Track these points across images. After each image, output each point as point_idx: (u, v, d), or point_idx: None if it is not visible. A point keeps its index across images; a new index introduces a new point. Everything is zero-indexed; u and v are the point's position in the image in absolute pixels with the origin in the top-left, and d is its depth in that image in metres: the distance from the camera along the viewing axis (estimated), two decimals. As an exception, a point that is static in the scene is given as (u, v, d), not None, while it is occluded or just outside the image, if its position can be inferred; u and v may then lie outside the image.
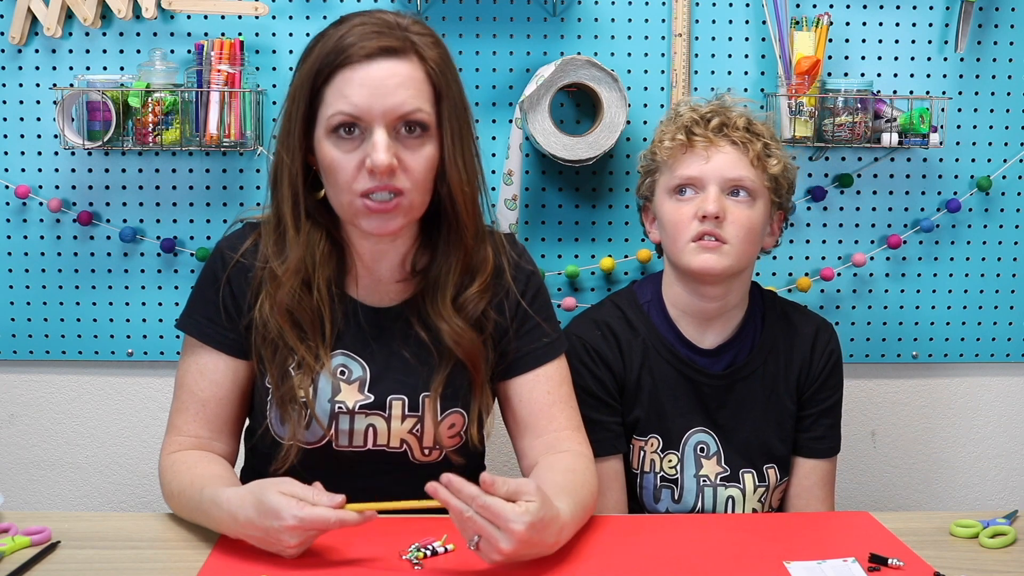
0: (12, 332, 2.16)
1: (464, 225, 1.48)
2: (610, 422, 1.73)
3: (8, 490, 2.14)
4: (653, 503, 1.75)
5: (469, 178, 1.47)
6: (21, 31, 2.05)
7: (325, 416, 1.49)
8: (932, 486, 2.33)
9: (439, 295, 1.49)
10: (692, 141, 1.68)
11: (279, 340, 1.47)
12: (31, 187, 2.10)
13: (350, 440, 1.51)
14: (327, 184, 1.45)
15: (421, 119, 1.40)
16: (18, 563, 1.28)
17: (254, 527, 1.29)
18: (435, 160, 1.43)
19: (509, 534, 1.23)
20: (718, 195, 1.65)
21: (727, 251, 1.65)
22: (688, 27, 2.12)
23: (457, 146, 1.44)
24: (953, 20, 2.16)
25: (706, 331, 1.76)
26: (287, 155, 1.45)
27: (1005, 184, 2.21)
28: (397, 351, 1.52)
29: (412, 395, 1.51)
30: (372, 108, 1.38)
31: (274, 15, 2.09)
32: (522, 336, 1.55)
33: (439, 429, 1.51)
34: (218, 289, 1.51)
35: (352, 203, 1.41)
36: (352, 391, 1.50)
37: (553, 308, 1.61)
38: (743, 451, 1.75)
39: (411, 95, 1.40)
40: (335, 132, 1.40)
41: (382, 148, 1.37)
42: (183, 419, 1.52)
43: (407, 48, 1.41)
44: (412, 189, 1.41)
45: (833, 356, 1.79)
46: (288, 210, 1.46)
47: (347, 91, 1.39)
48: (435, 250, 1.51)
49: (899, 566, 1.31)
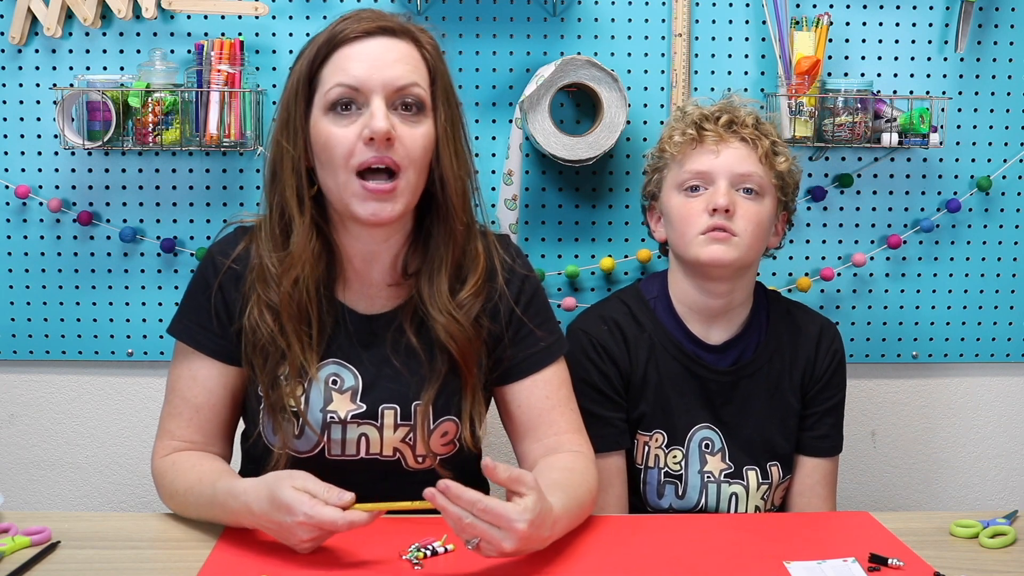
0: (12, 332, 2.15)
1: (454, 212, 1.47)
2: (614, 418, 1.73)
3: (8, 490, 2.14)
4: (657, 499, 1.75)
5: (460, 165, 1.47)
6: (21, 31, 2.05)
7: (317, 426, 1.48)
8: (932, 486, 2.33)
9: (434, 288, 1.48)
10: (702, 136, 1.69)
11: (270, 346, 1.45)
12: (31, 187, 2.10)
13: (343, 449, 1.50)
14: (322, 166, 1.43)
15: (418, 95, 1.42)
16: (18, 563, 1.28)
17: (269, 520, 1.30)
18: (431, 140, 1.44)
19: (512, 533, 1.23)
20: (728, 189, 1.66)
21: (736, 243, 1.66)
22: (688, 27, 2.12)
23: (450, 132, 1.46)
24: (953, 20, 2.16)
25: (712, 327, 1.76)
26: (288, 143, 1.45)
27: (1005, 184, 2.21)
28: (388, 359, 1.50)
29: (404, 404, 1.50)
30: (370, 79, 1.39)
31: (274, 15, 2.08)
32: (517, 343, 1.54)
33: (432, 438, 1.50)
34: (210, 295, 1.50)
35: (348, 184, 1.40)
36: (344, 401, 1.49)
37: (551, 310, 1.60)
38: (747, 448, 1.75)
39: (409, 70, 1.42)
40: (333, 109, 1.41)
41: (380, 116, 1.38)
42: (176, 424, 1.51)
43: (404, 31, 1.45)
44: (409, 166, 1.41)
45: (837, 356, 1.80)
46: (292, 197, 1.45)
47: (345, 65, 1.41)
48: (427, 250, 1.50)
49: (899, 566, 1.31)
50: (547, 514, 1.28)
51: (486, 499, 1.23)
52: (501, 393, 1.56)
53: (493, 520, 1.23)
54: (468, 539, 1.25)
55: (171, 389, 1.53)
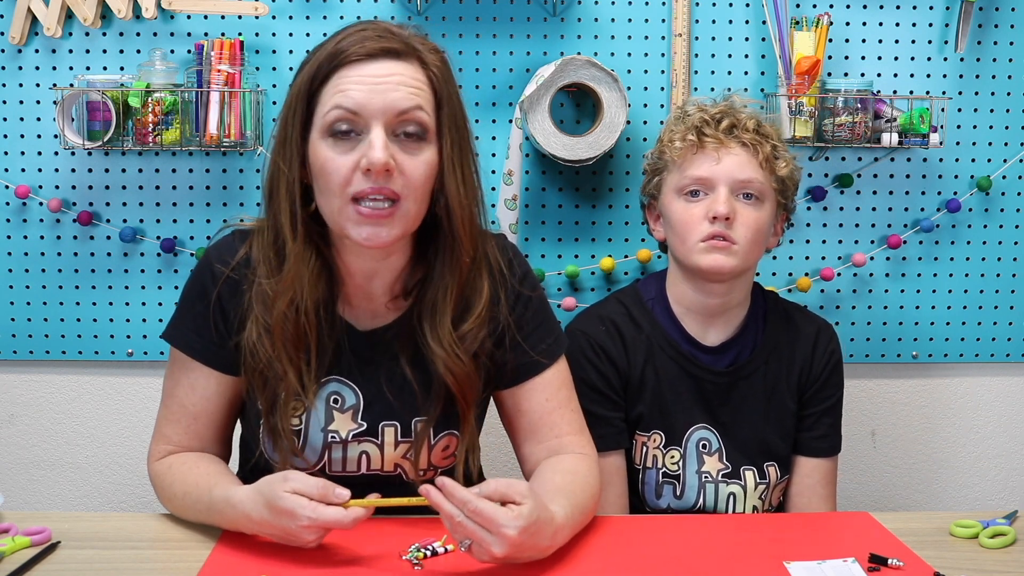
0: (12, 332, 2.15)
1: (461, 243, 1.41)
2: (613, 417, 1.73)
3: (8, 490, 2.14)
4: (655, 499, 1.75)
5: (467, 192, 1.41)
6: (21, 31, 2.05)
7: (318, 446, 1.46)
8: (932, 486, 2.33)
9: (436, 319, 1.43)
10: (703, 142, 1.68)
11: (267, 370, 1.42)
12: (31, 187, 2.10)
13: (343, 467, 1.48)
14: (319, 190, 1.38)
15: (421, 119, 1.35)
16: (18, 563, 1.28)
17: (271, 526, 1.30)
18: (434, 168, 1.38)
19: (501, 539, 1.22)
20: (728, 196, 1.66)
21: (736, 251, 1.66)
22: (688, 27, 2.12)
23: (456, 158, 1.39)
24: (953, 20, 2.16)
25: (710, 328, 1.76)
26: (284, 164, 1.39)
27: (1005, 184, 2.21)
28: (389, 375, 1.47)
29: (404, 421, 1.48)
30: (370, 104, 1.33)
31: (274, 15, 2.08)
32: (516, 347, 1.50)
33: (433, 451, 1.48)
34: (208, 304, 1.46)
35: (343, 209, 1.35)
36: (345, 420, 1.47)
37: (550, 310, 1.57)
38: (744, 448, 1.75)
39: (411, 93, 1.35)
40: (331, 134, 1.35)
41: (379, 146, 1.32)
42: (173, 430, 1.50)
43: (409, 52, 1.37)
44: (408, 196, 1.35)
45: (834, 357, 1.80)
46: (286, 220, 1.40)
47: (345, 87, 1.34)
48: (430, 269, 1.45)
49: (899, 566, 1.31)
50: (546, 523, 1.27)
51: (478, 500, 1.22)
52: (501, 397, 1.55)
53: (484, 523, 1.22)
54: (461, 540, 1.25)
55: (168, 394, 1.51)
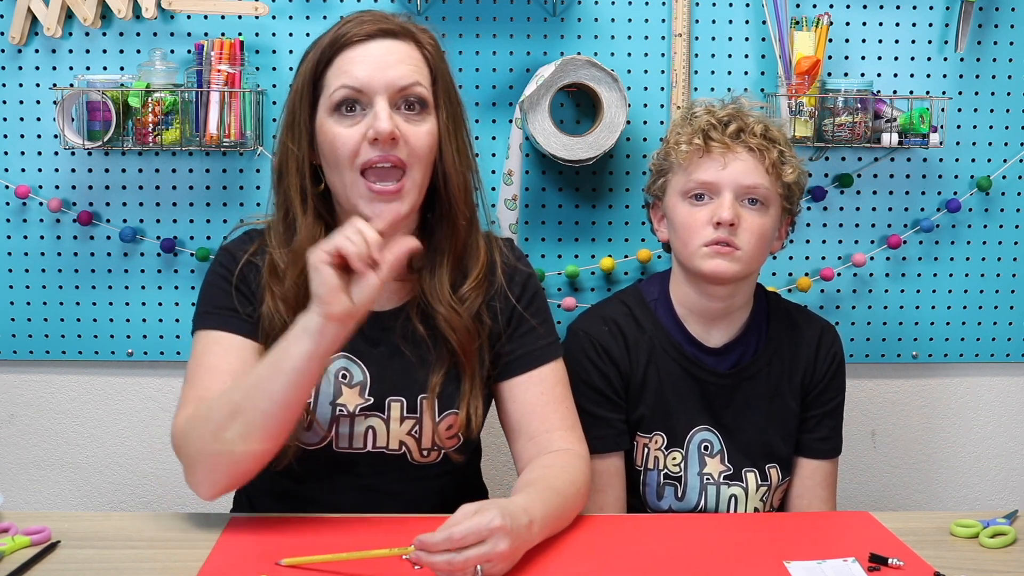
0: (12, 332, 2.16)
1: (457, 206, 1.50)
2: (614, 419, 1.73)
3: (8, 490, 2.14)
4: (656, 500, 1.75)
5: (462, 160, 1.51)
6: (21, 31, 2.05)
7: (326, 419, 1.50)
8: (932, 486, 2.33)
9: (435, 281, 1.51)
10: (709, 146, 1.67)
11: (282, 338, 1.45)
12: (31, 187, 2.10)
13: (350, 443, 1.51)
14: (329, 166, 1.47)
15: (421, 94, 1.45)
16: (18, 563, 1.28)
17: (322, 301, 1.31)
18: (435, 138, 1.47)
19: (496, 532, 1.22)
20: (733, 202, 1.65)
21: (739, 257, 1.66)
22: (688, 27, 2.12)
23: (451, 129, 1.49)
24: (953, 20, 2.16)
25: (712, 330, 1.76)
26: (293, 143, 1.48)
27: (1005, 184, 2.21)
28: (395, 352, 1.52)
29: (410, 396, 1.51)
30: (373, 80, 1.42)
31: (274, 15, 2.09)
32: (516, 339, 1.56)
33: (438, 429, 1.51)
34: (231, 282, 1.51)
35: (355, 184, 1.43)
36: (353, 394, 1.51)
37: (550, 312, 1.61)
38: (746, 450, 1.75)
39: (410, 70, 1.45)
40: (337, 110, 1.44)
41: (384, 116, 1.41)
42: (205, 386, 1.44)
43: (405, 32, 1.48)
44: (414, 165, 1.44)
45: (836, 358, 1.80)
46: (296, 195, 1.49)
47: (348, 67, 1.44)
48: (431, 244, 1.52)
49: (899, 566, 1.31)
50: (512, 505, 1.28)
51: (454, 527, 1.22)
52: (498, 390, 1.57)
53: (475, 537, 1.22)
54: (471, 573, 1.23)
55: (198, 365, 1.47)
